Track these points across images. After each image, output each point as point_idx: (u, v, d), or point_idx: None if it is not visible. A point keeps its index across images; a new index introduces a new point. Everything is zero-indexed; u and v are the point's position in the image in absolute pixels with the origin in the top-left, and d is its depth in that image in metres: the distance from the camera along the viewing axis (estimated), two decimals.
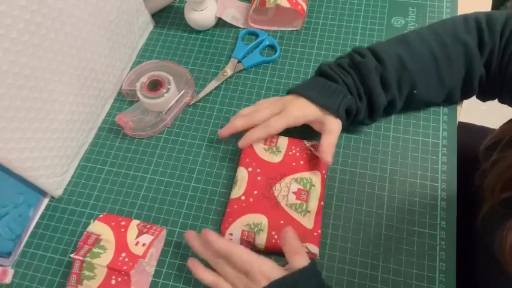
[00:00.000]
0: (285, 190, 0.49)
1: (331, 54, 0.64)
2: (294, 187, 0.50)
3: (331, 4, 0.69)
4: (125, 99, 0.63)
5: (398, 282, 0.47)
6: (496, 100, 0.55)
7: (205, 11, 0.65)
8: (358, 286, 0.47)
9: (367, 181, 0.53)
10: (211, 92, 0.62)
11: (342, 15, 0.67)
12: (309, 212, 0.48)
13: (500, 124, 0.53)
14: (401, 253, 0.49)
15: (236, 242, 0.48)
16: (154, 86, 0.58)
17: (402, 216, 0.51)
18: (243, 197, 0.50)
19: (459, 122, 0.57)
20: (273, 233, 0.48)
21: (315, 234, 0.48)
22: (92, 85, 0.57)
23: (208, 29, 0.68)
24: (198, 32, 0.68)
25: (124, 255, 0.46)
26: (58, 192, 0.55)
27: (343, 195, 0.53)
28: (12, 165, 0.47)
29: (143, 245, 0.47)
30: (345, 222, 0.51)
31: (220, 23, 0.68)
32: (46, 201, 0.55)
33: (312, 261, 0.43)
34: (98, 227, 0.49)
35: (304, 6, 0.65)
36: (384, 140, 0.56)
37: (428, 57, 0.51)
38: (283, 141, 0.53)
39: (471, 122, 0.74)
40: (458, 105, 0.58)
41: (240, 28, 0.68)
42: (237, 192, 0.50)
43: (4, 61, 0.41)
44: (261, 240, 0.48)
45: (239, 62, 0.64)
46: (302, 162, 0.51)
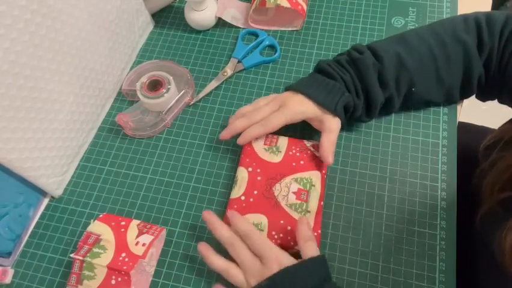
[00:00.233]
0: (285, 190, 0.49)
1: (331, 54, 0.64)
2: (294, 187, 0.50)
3: (331, 4, 0.69)
4: (125, 99, 0.63)
5: (398, 282, 0.47)
6: (495, 100, 0.55)
7: (205, 11, 0.65)
8: (358, 286, 0.47)
9: (367, 181, 0.53)
10: (211, 92, 0.62)
11: (342, 15, 0.67)
12: (309, 212, 0.48)
13: (500, 124, 0.53)
14: (401, 253, 0.49)
15: None
16: (154, 86, 0.58)
17: (402, 216, 0.51)
18: (243, 197, 0.50)
19: (459, 122, 0.57)
20: (273, 233, 0.48)
21: (315, 234, 0.48)
22: (92, 85, 0.57)
23: (208, 29, 0.68)
24: (198, 32, 0.68)
25: (124, 255, 0.46)
26: (58, 192, 0.55)
27: (343, 195, 0.53)
28: (12, 165, 0.47)
29: (143, 245, 0.47)
30: (345, 222, 0.51)
31: (220, 23, 0.68)
32: (46, 201, 0.55)
33: (322, 254, 0.44)
34: (98, 227, 0.49)
35: (304, 6, 0.65)
36: (384, 140, 0.56)
37: (426, 55, 0.51)
38: (283, 141, 0.53)
39: (471, 122, 0.74)
40: (458, 105, 0.58)
41: (240, 28, 0.68)
42: (237, 192, 0.50)
43: (4, 61, 0.41)
44: None
45: (239, 62, 0.64)
46: (302, 162, 0.51)
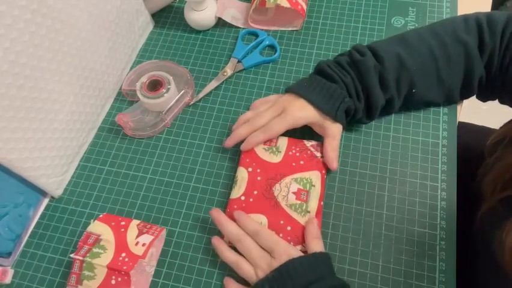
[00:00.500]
0: (285, 190, 0.49)
1: (331, 54, 0.64)
2: (294, 187, 0.50)
3: (331, 4, 0.69)
4: (125, 99, 0.63)
5: (398, 282, 0.47)
6: (496, 100, 0.55)
7: (205, 11, 0.65)
8: (358, 286, 0.47)
9: (367, 181, 0.53)
10: (211, 92, 0.62)
11: (342, 15, 0.67)
12: (309, 212, 0.48)
13: (501, 124, 0.53)
14: (401, 253, 0.49)
15: None
16: (154, 86, 0.58)
17: (402, 216, 0.51)
18: (243, 197, 0.50)
19: (459, 122, 0.57)
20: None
21: None
22: (92, 85, 0.57)
23: (208, 29, 0.68)
24: (198, 32, 0.68)
25: (124, 255, 0.46)
26: (58, 192, 0.55)
27: (343, 195, 0.53)
28: (12, 165, 0.47)
29: (143, 245, 0.47)
30: (345, 222, 0.51)
31: (220, 23, 0.68)
32: (46, 201, 0.55)
33: (327, 252, 0.46)
34: (98, 227, 0.49)
35: (304, 6, 0.65)
36: (384, 140, 0.56)
37: (427, 56, 0.51)
38: (283, 141, 0.53)
39: (471, 122, 0.74)
40: (458, 105, 0.58)
41: (240, 28, 0.68)
42: (237, 192, 0.50)
43: (4, 61, 0.41)
44: None
45: (239, 62, 0.64)
46: (302, 162, 0.51)
